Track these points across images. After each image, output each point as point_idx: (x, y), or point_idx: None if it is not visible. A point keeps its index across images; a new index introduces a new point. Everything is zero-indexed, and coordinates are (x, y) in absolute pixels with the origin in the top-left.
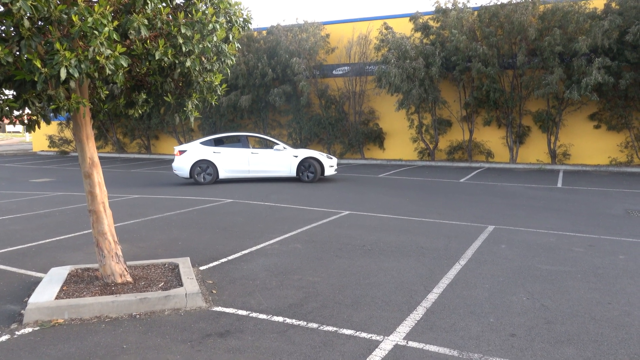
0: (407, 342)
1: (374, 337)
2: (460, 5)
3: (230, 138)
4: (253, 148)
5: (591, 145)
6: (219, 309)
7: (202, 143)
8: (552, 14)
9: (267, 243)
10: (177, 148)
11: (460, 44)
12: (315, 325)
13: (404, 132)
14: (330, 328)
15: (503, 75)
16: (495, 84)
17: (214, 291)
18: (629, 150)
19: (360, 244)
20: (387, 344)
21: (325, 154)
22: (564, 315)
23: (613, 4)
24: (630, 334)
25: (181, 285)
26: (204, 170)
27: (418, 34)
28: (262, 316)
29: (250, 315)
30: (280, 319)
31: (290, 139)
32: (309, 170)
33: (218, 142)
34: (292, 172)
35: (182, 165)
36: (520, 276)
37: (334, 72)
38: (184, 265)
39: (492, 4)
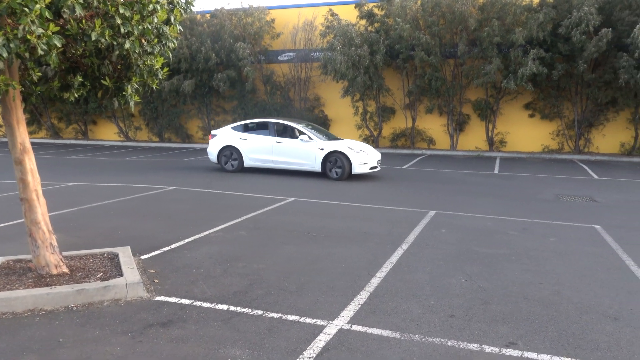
0: (351, 326)
1: (319, 322)
2: None
3: (259, 124)
4: (278, 137)
5: (526, 133)
6: (162, 298)
7: (233, 128)
8: (492, 6)
9: (211, 231)
10: (212, 132)
11: (404, 33)
12: (260, 312)
13: (349, 119)
14: (275, 314)
15: (445, 65)
16: (437, 73)
17: (156, 280)
18: (560, 138)
19: (305, 231)
20: (331, 329)
21: (359, 146)
22: (499, 295)
23: None
24: (559, 311)
25: (121, 275)
26: (229, 157)
27: (363, 22)
28: (206, 304)
29: (194, 304)
30: (224, 306)
31: None
32: (336, 166)
33: (247, 128)
34: (316, 166)
35: (211, 150)
36: (459, 259)
37: (279, 57)
38: (124, 254)
39: None
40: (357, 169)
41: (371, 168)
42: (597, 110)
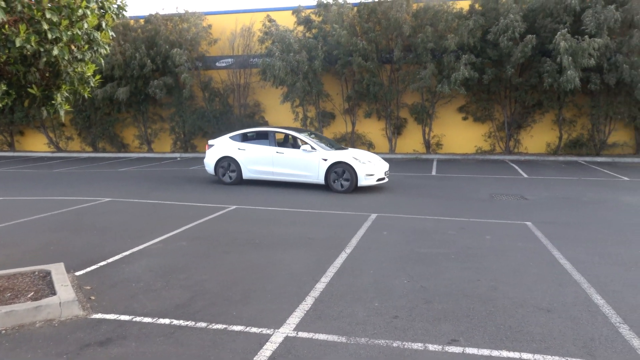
0: (297, 333)
1: (265, 330)
2: (340, 1)
3: (259, 133)
4: (279, 147)
5: (460, 135)
6: (99, 315)
7: (231, 137)
8: (425, 12)
9: (150, 242)
10: (209, 142)
11: (342, 39)
12: (204, 325)
13: (290, 124)
14: (219, 326)
15: (382, 70)
16: (374, 78)
17: (93, 297)
18: (492, 139)
19: (249, 238)
20: (277, 337)
21: (366, 156)
22: (440, 294)
23: (477, 5)
24: (497, 307)
25: (54, 293)
26: (227, 168)
27: (301, 28)
28: (147, 319)
29: (134, 319)
30: (166, 321)
31: (173, 133)
32: (342, 178)
33: (245, 138)
34: (319, 178)
35: (208, 161)
36: (401, 260)
37: (217, 64)
38: (57, 271)
39: (370, 0)
40: (363, 181)
41: (378, 180)
42: (524, 113)
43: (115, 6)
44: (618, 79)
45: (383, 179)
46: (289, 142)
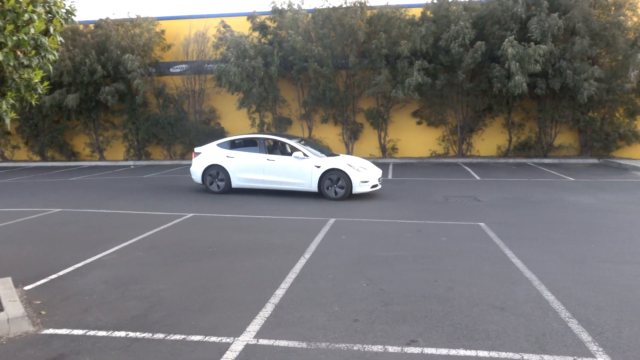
0: (257, 341)
1: (224, 339)
2: (295, 7)
3: (248, 141)
4: (270, 154)
5: (415, 139)
6: (50, 331)
7: (218, 145)
8: (378, 19)
9: (104, 253)
10: (195, 150)
11: (297, 45)
12: (161, 336)
13: (246, 130)
14: (178, 336)
15: (338, 75)
16: (330, 84)
17: (43, 312)
18: (445, 143)
19: (206, 246)
20: (237, 345)
21: (360, 163)
22: (399, 296)
23: (428, 12)
24: (453, 306)
25: (1, 309)
26: (215, 176)
27: (256, 33)
28: (102, 333)
29: (88, 333)
30: (122, 333)
31: (126, 140)
32: (336, 185)
33: (234, 145)
34: (312, 186)
35: (195, 169)
36: (360, 264)
37: (171, 70)
38: (5, 286)
39: (324, 7)
40: (358, 188)
41: (372, 186)
42: (476, 117)
43: (64, 11)
44: (562, 84)
45: (376, 185)
46: (280, 149)
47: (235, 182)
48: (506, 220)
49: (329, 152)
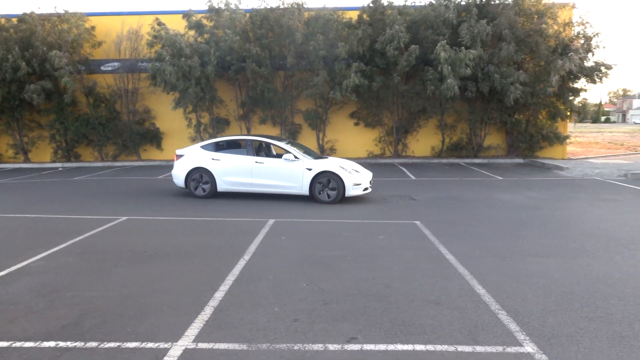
0: (196, 345)
1: (162, 345)
2: (232, 7)
3: (234, 142)
4: (258, 156)
5: (353, 140)
6: None
7: (202, 147)
8: (316, 21)
9: (30, 260)
10: (177, 152)
11: (235, 45)
12: (94, 344)
13: (183, 131)
14: (112, 344)
15: (276, 76)
16: (269, 84)
17: None
18: (382, 144)
19: (141, 250)
20: (175, 350)
21: (351, 165)
22: (338, 295)
23: (365, 16)
24: (391, 303)
25: None
26: (199, 180)
27: (192, 32)
28: (29, 344)
29: (14, 345)
30: (52, 343)
31: (53, 141)
32: (328, 188)
33: (219, 147)
34: (303, 189)
35: (177, 172)
36: (300, 264)
37: (102, 68)
38: None
39: (262, 7)
40: (350, 190)
41: (364, 189)
42: (411, 118)
43: None
44: (491, 87)
45: (368, 188)
46: (268, 151)
47: (221, 186)
48: (440, 218)
49: (316, 155)
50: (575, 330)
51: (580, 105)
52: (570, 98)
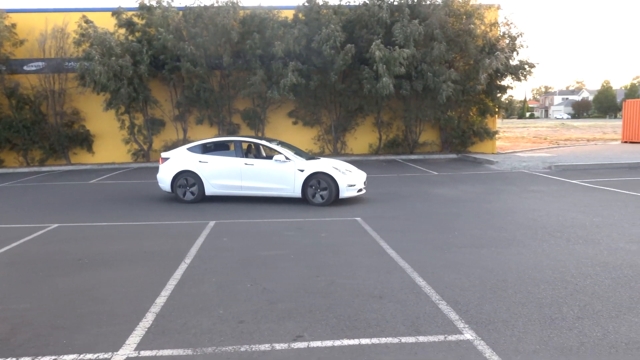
0: (138, 353)
1: (101, 356)
2: (164, 4)
3: (221, 144)
4: (247, 157)
5: (292, 139)
6: None
7: (189, 149)
8: (252, 20)
9: None
10: (162, 155)
11: (168, 43)
12: (28, 359)
13: (115, 133)
14: (47, 358)
15: (212, 75)
16: (205, 84)
17: None
18: (321, 142)
19: (76, 258)
20: None
21: (345, 166)
22: (283, 294)
23: (300, 15)
24: (336, 299)
25: None
26: (186, 184)
27: (123, 30)
28: None
29: None
30: None
31: None
32: (320, 189)
33: (207, 149)
34: (295, 191)
35: (163, 176)
36: (243, 265)
37: (25, 67)
38: None
39: (195, 5)
40: (345, 192)
41: (359, 190)
42: (348, 117)
43: None
44: (424, 86)
45: (362, 189)
46: (259, 153)
47: (210, 190)
48: (380, 214)
49: (308, 155)
50: (510, 316)
51: (507, 102)
52: (498, 95)
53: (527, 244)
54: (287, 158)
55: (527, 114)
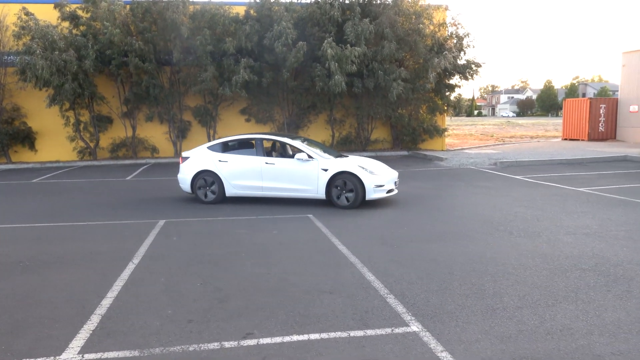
0: (82, 356)
1: None
2: None
3: (243, 142)
4: (268, 156)
5: None
6: None
7: (209, 148)
8: (202, 15)
9: None
10: (183, 154)
11: (115, 38)
12: None
13: (60, 130)
14: None
15: (161, 72)
16: (154, 80)
17: None
18: None
19: (16, 261)
20: None
21: (372, 165)
22: (234, 292)
23: (252, 11)
24: (286, 296)
25: None
26: (206, 184)
27: (66, 24)
28: None
29: None
30: None
31: None
32: (346, 190)
33: (227, 147)
34: (319, 192)
35: (183, 176)
36: (193, 264)
37: None
38: None
39: None
40: (372, 193)
41: (388, 192)
42: (301, 114)
43: None
44: (375, 84)
45: (392, 190)
46: (281, 151)
47: (230, 190)
48: (332, 211)
49: (336, 153)
50: (455, 307)
51: (456, 100)
52: (447, 94)
53: (473, 238)
54: (309, 157)
55: (476, 112)
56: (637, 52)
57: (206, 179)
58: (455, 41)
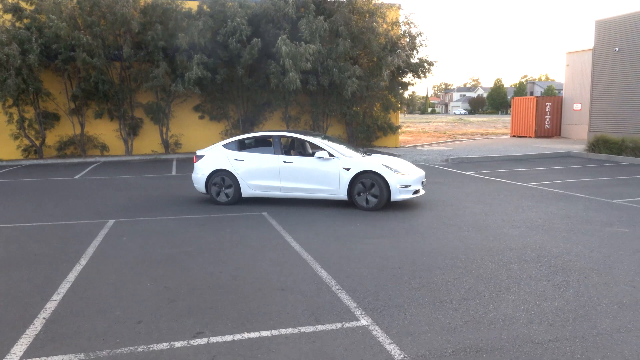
0: None
1: None
2: None
3: (260, 139)
4: (287, 155)
5: (198, 134)
6: None
7: (224, 146)
8: (153, 10)
9: None
10: (197, 152)
11: (61, 32)
12: None
13: (3, 128)
14: None
15: (111, 67)
16: (103, 76)
17: None
18: (228, 137)
19: None
20: None
21: (398, 164)
22: (184, 291)
23: (205, 7)
24: (238, 294)
25: None
26: (221, 184)
27: (8, 16)
28: None
29: None
30: None
31: None
32: (369, 192)
33: (244, 145)
34: (341, 192)
35: (198, 176)
36: (143, 264)
37: None
38: None
39: None
40: (397, 194)
41: (414, 192)
42: (256, 111)
43: None
44: (330, 81)
45: (419, 191)
46: (300, 149)
47: (246, 191)
48: (286, 209)
49: (360, 150)
50: (404, 301)
51: (409, 98)
52: (400, 91)
53: (422, 233)
54: (330, 155)
55: (429, 110)
56: (580, 52)
57: (222, 179)
58: (408, 40)
